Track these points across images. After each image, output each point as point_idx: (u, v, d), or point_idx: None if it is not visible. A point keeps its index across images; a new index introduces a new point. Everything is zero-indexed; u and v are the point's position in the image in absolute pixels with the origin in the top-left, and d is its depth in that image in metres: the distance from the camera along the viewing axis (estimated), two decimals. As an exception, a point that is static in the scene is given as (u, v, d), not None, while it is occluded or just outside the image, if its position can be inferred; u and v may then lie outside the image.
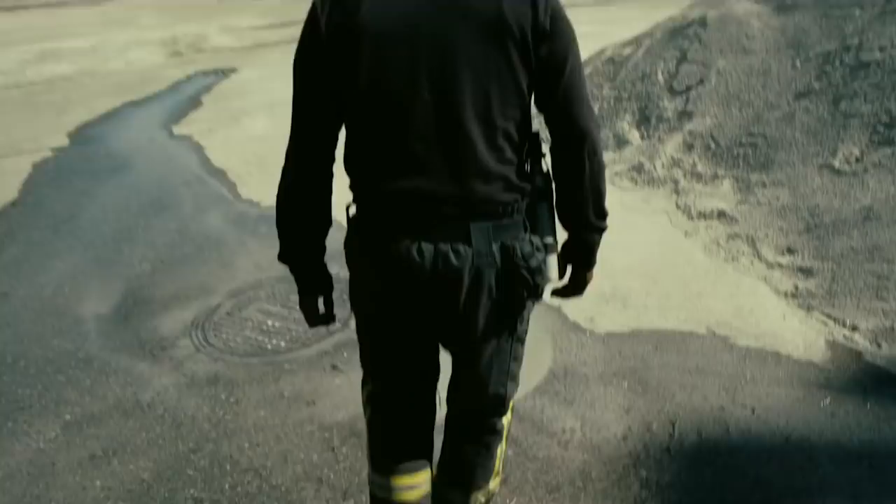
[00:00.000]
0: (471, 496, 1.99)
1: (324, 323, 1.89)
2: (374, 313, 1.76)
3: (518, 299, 1.66)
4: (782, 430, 2.60)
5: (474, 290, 1.61)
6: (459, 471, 1.98)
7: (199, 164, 5.70)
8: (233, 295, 3.75)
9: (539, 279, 1.65)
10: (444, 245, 1.56)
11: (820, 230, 3.67)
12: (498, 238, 1.59)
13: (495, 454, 1.99)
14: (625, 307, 3.41)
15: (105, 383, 3.08)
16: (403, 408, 1.92)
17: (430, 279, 1.59)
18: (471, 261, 1.57)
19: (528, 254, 1.61)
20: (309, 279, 1.81)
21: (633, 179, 4.76)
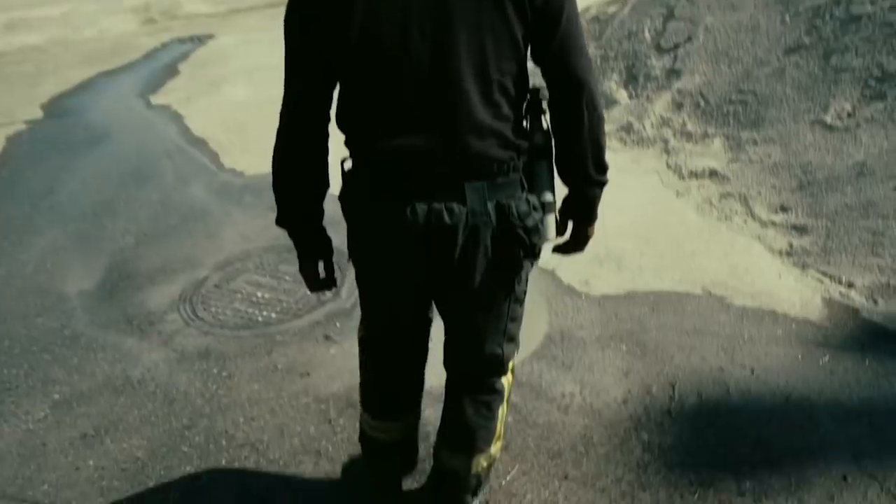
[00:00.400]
0: (472, 461, 1.96)
1: (325, 287, 1.87)
2: (370, 265, 1.76)
3: (514, 259, 1.65)
4: (782, 389, 2.59)
5: (469, 249, 1.59)
6: (461, 434, 1.95)
7: (178, 134, 5.56)
8: (220, 267, 3.67)
9: (535, 239, 1.64)
10: (438, 204, 1.54)
11: (813, 187, 3.64)
12: (493, 197, 1.57)
13: (496, 415, 1.96)
14: (619, 269, 3.37)
15: (93, 361, 3.02)
16: (394, 356, 1.99)
17: (423, 237, 1.57)
18: (465, 220, 1.55)
19: (524, 213, 1.60)
20: (308, 243, 1.79)
21: (621, 140, 4.70)
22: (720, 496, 2.19)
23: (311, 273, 1.84)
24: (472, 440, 1.94)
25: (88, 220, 4.25)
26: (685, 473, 2.28)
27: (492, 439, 1.98)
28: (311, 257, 1.81)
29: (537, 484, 2.29)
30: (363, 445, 2.20)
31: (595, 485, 2.27)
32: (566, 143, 1.65)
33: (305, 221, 1.74)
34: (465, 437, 1.94)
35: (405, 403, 2.11)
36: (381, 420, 2.10)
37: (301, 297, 3.35)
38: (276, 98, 1.74)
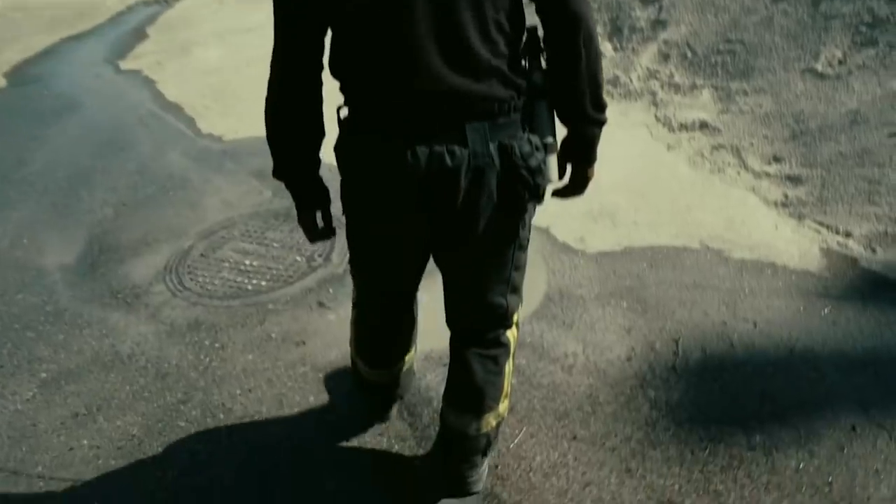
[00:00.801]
0: (482, 420, 1.93)
1: (324, 237, 1.88)
2: (368, 216, 1.73)
3: (518, 200, 1.62)
4: (785, 341, 2.57)
5: (473, 192, 1.57)
6: (468, 393, 1.91)
7: (152, 100, 5.37)
8: (204, 236, 3.56)
9: (539, 179, 1.61)
10: (440, 147, 1.51)
11: (806, 136, 3.60)
12: (495, 138, 1.54)
13: (504, 371, 1.93)
14: (614, 225, 3.32)
15: (79, 336, 2.92)
16: (385, 319, 2.03)
17: (425, 181, 1.54)
18: (467, 162, 1.53)
19: (527, 153, 1.57)
20: (306, 194, 1.78)
21: (608, 93, 4.60)
22: (731, 451, 2.17)
23: (310, 224, 1.83)
24: (480, 398, 1.90)
25: (63, 192, 4.10)
26: (694, 429, 2.26)
27: (500, 397, 1.95)
28: (309, 208, 1.81)
29: (546, 446, 2.25)
30: (358, 380, 2.32)
31: (604, 444, 2.24)
32: (563, 81, 1.60)
33: (303, 172, 1.74)
34: (472, 395, 1.91)
35: (395, 357, 2.18)
36: (373, 368, 2.19)
37: (290, 263, 3.27)
38: (250, 61, 1.70)
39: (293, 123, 1.65)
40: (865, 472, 2.08)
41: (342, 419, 2.41)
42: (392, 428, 2.36)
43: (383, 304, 2.02)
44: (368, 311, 2.07)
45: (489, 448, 2.05)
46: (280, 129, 1.66)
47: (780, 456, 2.15)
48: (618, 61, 4.81)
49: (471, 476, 2.04)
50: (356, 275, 2.00)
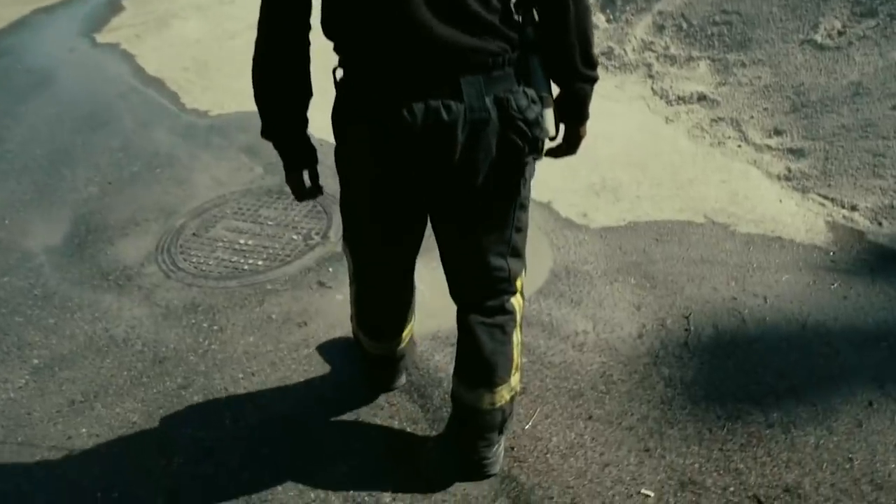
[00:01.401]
0: (495, 394, 1.90)
1: (311, 196, 1.88)
2: (364, 179, 1.72)
3: (517, 154, 1.61)
4: (797, 317, 2.54)
5: (470, 147, 1.56)
6: (478, 365, 1.88)
7: (132, 74, 5.19)
8: (196, 214, 3.45)
9: (537, 132, 1.60)
10: (435, 101, 1.50)
11: (807, 109, 3.56)
12: (490, 91, 1.53)
13: (512, 340, 1.89)
14: (617, 199, 3.27)
15: (71, 321, 2.81)
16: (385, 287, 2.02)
17: (422, 136, 1.53)
18: (464, 116, 1.52)
19: (524, 106, 1.56)
20: (294, 153, 1.78)
21: (603, 66, 4.53)
22: (749, 429, 2.15)
23: (297, 183, 1.83)
24: (490, 370, 1.87)
25: (45, 171, 3.95)
26: (711, 407, 2.23)
27: (510, 368, 1.91)
28: (297, 168, 1.81)
29: (561, 426, 2.21)
30: (362, 355, 2.31)
31: (621, 423, 2.20)
32: (553, 36, 1.60)
33: (290, 131, 1.74)
34: (483, 367, 1.87)
35: (397, 329, 2.17)
36: (376, 341, 2.19)
37: (287, 242, 3.18)
38: (232, 33, 1.67)
39: (280, 83, 1.65)
40: (885, 447, 2.06)
41: (350, 402, 2.34)
42: (403, 410, 2.30)
43: (382, 276, 1.99)
44: (367, 286, 2.05)
45: (505, 425, 2.01)
46: (267, 89, 1.66)
47: (798, 433, 2.12)
48: (611, 33, 4.73)
49: (488, 455, 2.01)
50: (353, 247, 1.98)
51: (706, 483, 2.00)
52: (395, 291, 2.06)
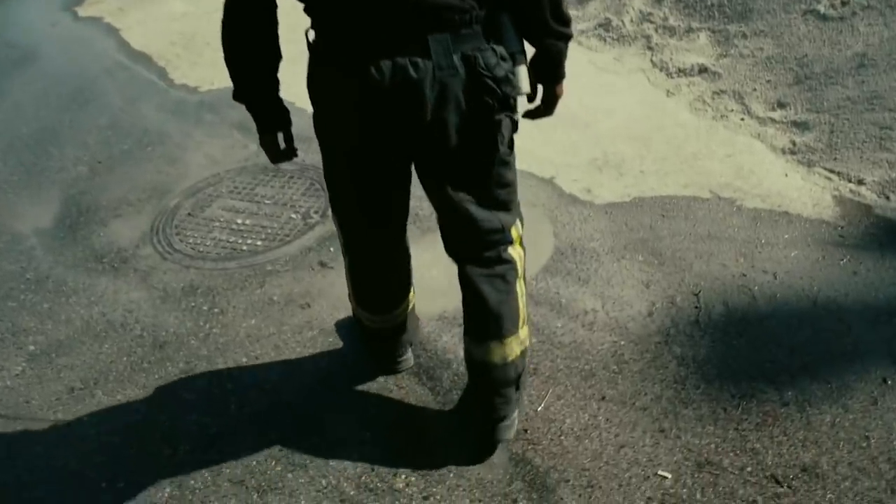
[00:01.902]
0: (505, 347, 1.87)
1: (286, 158, 1.89)
2: (341, 142, 1.73)
3: (488, 111, 1.61)
4: (807, 293, 2.52)
5: (440, 105, 1.57)
6: (484, 317, 1.85)
7: (117, 49, 5.05)
8: (190, 193, 3.37)
9: (507, 89, 1.60)
10: (402, 59, 1.51)
11: (811, 81, 3.51)
12: (458, 49, 1.54)
13: (514, 289, 1.86)
14: (621, 175, 3.21)
15: (66, 305, 2.74)
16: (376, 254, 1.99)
17: (390, 94, 1.53)
18: (431, 74, 1.53)
19: (492, 64, 1.57)
20: (267, 115, 1.80)
21: (600, 38, 4.46)
22: (764, 407, 2.12)
23: (271, 145, 1.85)
24: (498, 322, 1.84)
25: (31, 150, 3.84)
26: (725, 386, 2.20)
27: (518, 321, 1.89)
28: (270, 130, 1.82)
29: (574, 407, 2.18)
30: (364, 332, 2.30)
31: (634, 404, 2.17)
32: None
33: (262, 93, 1.75)
34: (489, 319, 1.85)
35: (396, 299, 2.14)
36: (376, 314, 2.15)
37: (285, 221, 3.11)
38: (219, 6, 1.65)
39: (248, 45, 1.66)
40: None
41: (358, 385, 2.30)
42: (412, 393, 2.26)
43: (371, 243, 1.97)
44: (358, 255, 2.03)
45: (520, 380, 1.98)
46: (236, 52, 1.67)
47: (813, 411, 2.10)
48: (609, 3, 4.64)
49: (507, 413, 1.97)
50: (340, 216, 1.96)
51: (723, 463, 1.98)
52: (386, 259, 2.03)
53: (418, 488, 1.98)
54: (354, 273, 2.10)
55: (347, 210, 1.92)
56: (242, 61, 1.69)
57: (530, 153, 3.39)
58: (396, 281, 2.11)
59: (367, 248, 1.99)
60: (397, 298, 2.14)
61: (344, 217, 1.95)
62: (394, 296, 2.13)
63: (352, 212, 1.91)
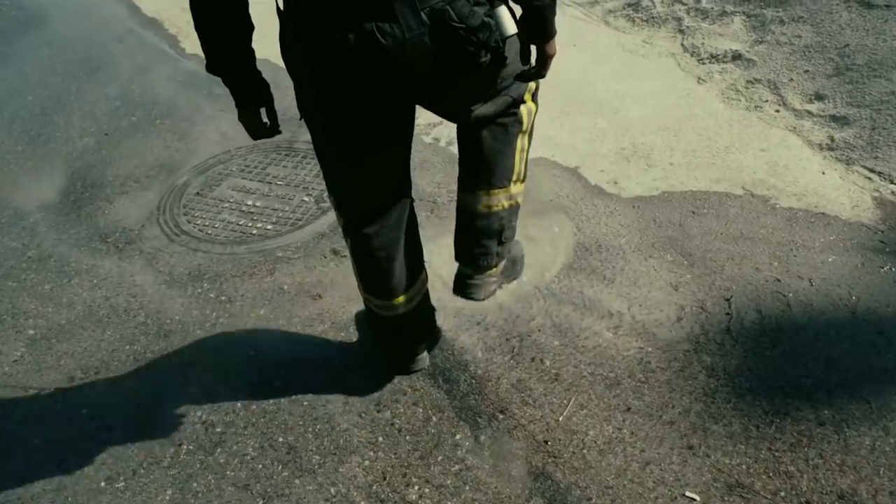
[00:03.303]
0: (492, 197, 1.85)
1: (269, 135, 1.79)
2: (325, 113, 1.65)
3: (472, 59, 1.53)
4: (846, 302, 2.38)
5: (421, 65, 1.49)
6: (477, 167, 1.83)
7: (127, 15, 4.90)
8: (199, 171, 3.24)
9: (485, 35, 1.51)
10: (368, 24, 1.43)
11: (852, 73, 3.34)
12: (425, 4, 1.45)
13: (514, 142, 1.82)
14: (649, 166, 3.07)
15: (68, 287, 2.64)
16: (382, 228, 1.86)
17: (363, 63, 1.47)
18: (401, 37, 1.44)
19: (465, 14, 1.47)
20: (243, 87, 1.68)
21: (629, 18, 4.28)
22: (798, 427, 2.00)
23: (251, 120, 1.74)
24: (488, 171, 1.82)
25: (37, 119, 3.72)
26: (757, 401, 2.09)
27: (511, 175, 1.85)
28: (248, 103, 1.71)
29: (598, 418, 2.07)
30: (373, 321, 2.16)
31: (661, 417, 2.06)
32: None
33: (235, 64, 1.64)
34: (480, 168, 1.82)
35: (407, 279, 2.00)
36: (387, 299, 2.01)
37: (298, 204, 2.98)
38: None
39: (218, 16, 1.55)
40: (946, 451, 1.93)
41: (371, 385, 2.20)
42: (427, 396, 2.16)
43: (374, 214, 1.85)
44: (359, 232, 1.88)
45: (503, 235, 1.93)
46: (206, 22, 1.57)
47: (852, 432, 1.98)
48: (638, -18, 4.45)
49: (481, 265, 1.94)
50: (335, 193, 1.86)
51: (755, 486, 1.87)
52: (388, 234, 1.90)
53: (432, 501, 1.88)
54: (357, 254, 1.96)
55: (343, 185, 1.82)
56: (213, 33, 1.59)
57: (553, 139, 3.24)
58: (401, 262, 1.97)
59: (369, 222, 1.86)
60: (404, 281, 2.00)
61: (338, 192, 1.85)
62: (399, 279, 1.99)
63: (347, 186, 1.81)
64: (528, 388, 2.16)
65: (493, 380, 2.19)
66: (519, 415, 2.09)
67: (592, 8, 4.47)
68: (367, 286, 2.03)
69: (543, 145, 3.20)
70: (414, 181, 1.99)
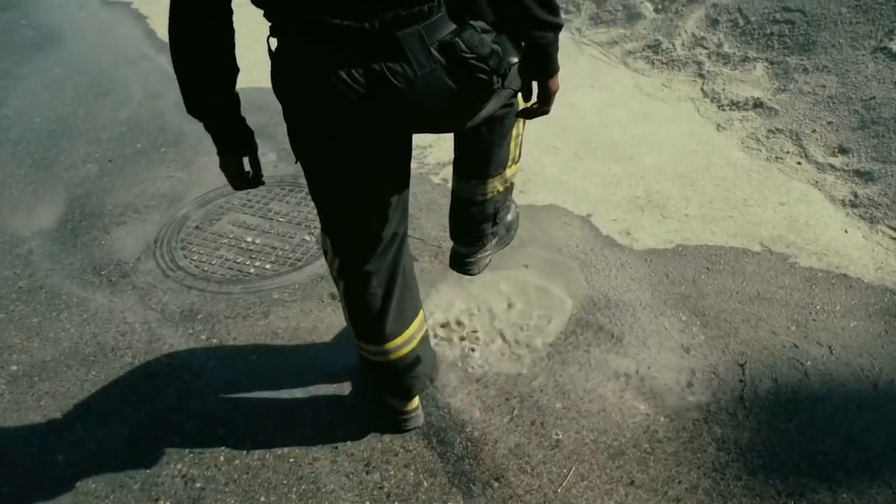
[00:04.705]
0: (488, 184, 1.88)
1: (250, 185, 1.72)
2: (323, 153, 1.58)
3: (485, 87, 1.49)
4: (867, 373, 2.25)
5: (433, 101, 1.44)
6: (475, 162, 1.85)
7: (143, 38, 4.88)
8: (201, 203, 3.17)
9: (494, 63, 1.47)
10: (377, 65, 1.37)
11: (878, 126, 3.22)
12: (433, 38, 1.40)
13: (510, 132, 1.82)
14: (663, 217, 2.96)
15: (56, 321, 2.55)
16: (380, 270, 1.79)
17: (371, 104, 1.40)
18: (412, 77, 1.39)
19: (474, 43, 1.43)
20: (225, 134, 1.61)
21: (649, 60, 4.19)
22: (815, 511, 1.87)
23: (232, 169, 1.67)
24: (486, 163, 1.84)
25: (42, 142, 3.67)
26: (770, 480, 1.95)
27: (507, 161, 1.88)
28: (230, 150, 1.64)
29: (599, 491, 1.94)
30: (367, 373, 2.09)
31: (667, 493, 1.93)
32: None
33: (218, 109, 1.56)
34: (478, 163, 1.84)
35: (404, 319, 1.91)
36: (383, 345, 1.90)
37: (298, 243, 2.89)
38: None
39: (199, 57, 1.46)
40: (975, 547, 1.79)
41: (361, 442, 2.08)
42: (419, 459, 2.04)
43: (370, 253, 1.76)
44: (357, 271, 1.79)
45: (497, 216, 1.99)
46: (185, 63, 1.47)
47: (872, 520, 1.85)
48: (659, 24, 4.37)
49: (477, 246, 2.02)
50: (332, 229, 1.77)
51: (766, 577, 1.74)
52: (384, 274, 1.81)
53: (418, 577, 1.76)
54: (350, 298, 1.87)
55: (340, 223, 1.74)
56: (193, 74, 1.49)
57: (565, 185, 3.14)
58: (396, 305, 1.88)
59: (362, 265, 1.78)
60: (398, 326, 1.91)
61: (337, 233, 1.77)
62: (393, 323, 1.89)
63: (345, 224, 1.73)
64: (526, 454, 2.04)
65: (490, 443, 2.07)
66: (515, 483, 1.96)
67: (612, 48, 4.39)
68: (360, 331, 1.93)
69: (555, 190, 3.10)
70: (419, 223, 1.91)
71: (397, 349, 1.91)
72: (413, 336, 1.96)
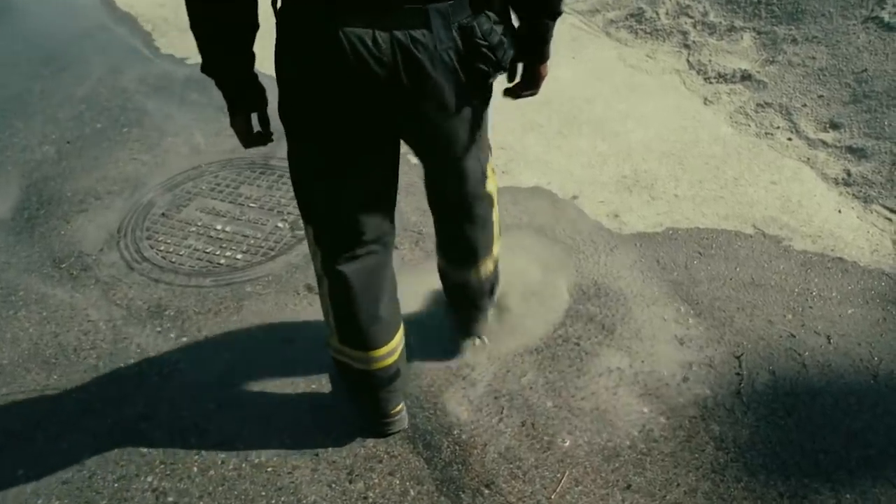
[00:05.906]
0: (481, 268, 2.02)
1: (260, 143, 1.68)
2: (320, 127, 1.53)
3: (484, 78, 1.53)
4: (867, 365, 2.18)
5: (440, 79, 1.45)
6: (463, 251, 1.98)
7: (100, 7, 4.61)
8: (166, 188, 2.99)
9: (500, 54, 1.51)
10: (401, 33, 1.36)
11: (870, 101, 3.13)
12: (456, 19, 1.42)
13: (491, 218, 1.96)
14: (652, 198, 2.85)
15: (14, 320, 2.39)
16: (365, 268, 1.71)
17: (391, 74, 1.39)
18: (433, 49, 1.40)
19: (487, 31, 1.47)
20: (239, 94, 1.57)
21: (632, 30, 4.05)
22: (818, 513, 1.80)
23: (244, 128, 1.63)
24: (474, 252, 1.98)
25: (-6, 122, 3.46)
26: (771, 481, 1.88)
27: (492, 244, 2.02)
28: (244, 110, 1.60)
29: (595, 497, 1.85)
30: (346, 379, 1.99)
31: (665, 497, 1.85)
32: None
33: (235, 68, 1.52)
34: (468, 251, 1.97)
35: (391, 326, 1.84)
36: (369, 350, 1.81)
37: (271, 231, 2.75)
38: None
39: (221, 13, 1.41)
40: (982, 548, 1.73)
41: (343, 449, 1.97)
42: (405, 465, 1.93)
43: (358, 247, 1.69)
44: (343, 267, 1.70)
45: (494, 286, 2.17)
46: (207, 19, 1.43)
47: (877, 522, 1.78)
48: (642, -8, 4.22)
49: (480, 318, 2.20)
50: (317, 222, 1.70)
51: (770, 586, 1.66)
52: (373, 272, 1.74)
53: None
54: (335, 298, 1.76)
55: (327, 212, 1.66)
56: (212, 31, 1.45)
57: (550, 165, 3.02)
58: (385, 308, 1.79)
59: (348, 262, 1.68)
60: (387, 331, 1.82)
61: (322, 223, 1.68)
62: (382, 327, 1.80)
63: (333, 213, 1.65)
64: (517, 457, 1.94)
65: (479, 447, 1.97)
66: (507, 490, 1.87)
67: (593, 17, 4.24)
68: (345, 336, 1.81)
69: (540, 171, 2.98)
70: (398, 207, 1.78)
71: (382, 358, 1.81)
72: (396, 348, 1.86)
